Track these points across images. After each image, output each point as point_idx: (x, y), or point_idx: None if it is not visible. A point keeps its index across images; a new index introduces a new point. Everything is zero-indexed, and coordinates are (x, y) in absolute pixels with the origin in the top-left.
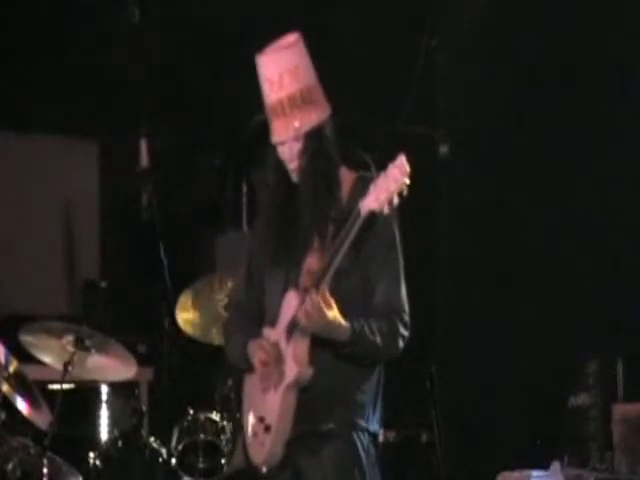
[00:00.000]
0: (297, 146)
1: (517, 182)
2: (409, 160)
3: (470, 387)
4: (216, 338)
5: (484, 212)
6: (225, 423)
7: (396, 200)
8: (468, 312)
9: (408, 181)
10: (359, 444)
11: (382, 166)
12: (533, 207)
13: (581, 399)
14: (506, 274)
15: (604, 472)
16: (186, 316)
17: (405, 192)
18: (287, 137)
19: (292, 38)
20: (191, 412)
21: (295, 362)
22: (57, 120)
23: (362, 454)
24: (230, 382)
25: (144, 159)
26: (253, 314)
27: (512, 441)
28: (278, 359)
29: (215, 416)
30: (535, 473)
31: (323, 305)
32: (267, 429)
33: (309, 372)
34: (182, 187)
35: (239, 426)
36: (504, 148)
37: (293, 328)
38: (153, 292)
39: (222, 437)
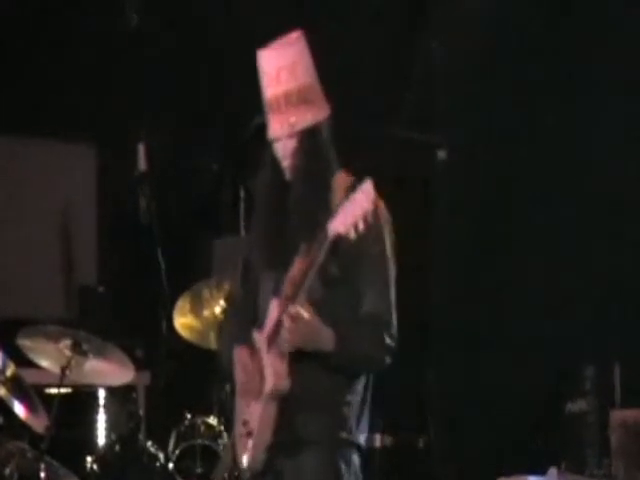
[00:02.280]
0: (291, 143)
1: (515, 187)
2: (407, 166)
3: (467, 393)
4: (213, 342)
5: (482, 216)
6: (222, 427)
7: (361, 225)
8: (466, 316)
9: (372, 207)
10: (339, 455)
11: (380, 172)
12: (532, 211)
13: (578, 405)
14: (505, 278)
15: (601, 478)
16: (184, 320)
17: (370, 218)
18: (282, 133)
19: (294, 36)
20: (188, 416)
21: (272, 374)
22: (55, 123)
23: (342, 465)
24: (227, 387)
25: (142, 163)
26: (247, 314)
27: (509, 447)
28: (259, 369)
29: (212, 420)
30: (532, 479)
31: (303, 318)
32: (249, 434)
33: (286, 384)
34: (180, 191)
35: (231, 427)
36: (502, 152)
37: (273, 338)
38: (150, 296)
39: (219, 441)
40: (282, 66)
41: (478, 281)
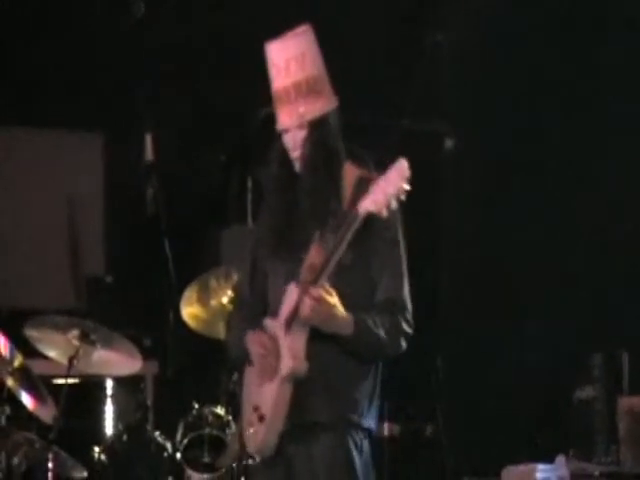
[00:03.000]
0: (301, 134)
1: (522, 177)
2: (414, 155)
3: (475, 381)
4: (221, 332)
5: (489, 206)
6: (230, 417)
7: (394, 204)
8: (473, 306)
9: (407, 186)
10: (350, 439)
11: (386, 163)
12: (537, 202)
13: (586, 392)
14: (510, 267)
15: (609, 465)
16: (191, 310)
17: (403, 197)
18: (291, 124)
19: (302, 28)
20: (196, 406)
21: (291, 356)
22: (61, 114)
23: (353, 449)
24: (235, 376)
25: (149, 153)
26: (256, 308)
27: (517, 435)
28: (275, 352)
29: (220, 410)
30: (540, 467)
31: (325, 298)
32: (261, 419)
33: (304, 366)
34: (187, 181)
35: (238, 416)
36: (509, 142)
37: (292, 321)
38: (158, 286)
39: (227, 431)
40: (291, 57)
41: (485, 270)
